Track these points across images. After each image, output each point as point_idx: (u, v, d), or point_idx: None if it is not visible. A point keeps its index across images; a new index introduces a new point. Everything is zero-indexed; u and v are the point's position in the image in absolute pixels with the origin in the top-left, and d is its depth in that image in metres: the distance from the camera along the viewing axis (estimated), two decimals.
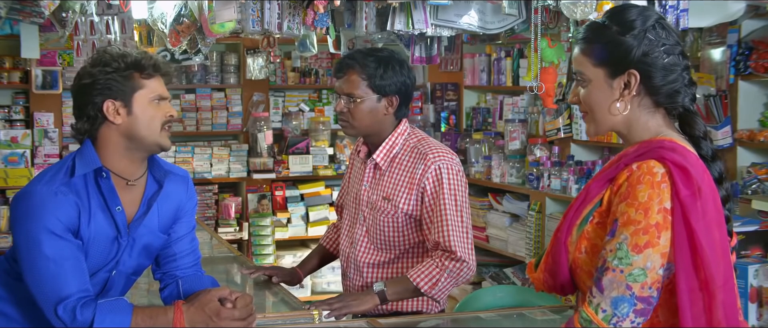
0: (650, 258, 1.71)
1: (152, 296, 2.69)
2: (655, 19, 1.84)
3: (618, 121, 1.87)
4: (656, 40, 1.82)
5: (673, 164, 1.73)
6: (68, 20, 4.13)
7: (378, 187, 2.88)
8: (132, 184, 2.35)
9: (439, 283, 2.74)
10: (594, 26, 1.89)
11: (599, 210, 1.82)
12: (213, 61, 6.57)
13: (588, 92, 1.88)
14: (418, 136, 2.89)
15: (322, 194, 6.63)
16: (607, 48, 1.84)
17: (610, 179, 1.83)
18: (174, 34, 4.20)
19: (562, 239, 1.87)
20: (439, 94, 6.61)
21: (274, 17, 3.91)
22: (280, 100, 6.81)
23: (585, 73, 1.88)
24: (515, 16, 3.93)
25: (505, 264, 5.84)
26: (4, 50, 6.03)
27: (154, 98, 2.30)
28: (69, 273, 2.20)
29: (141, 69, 2.28)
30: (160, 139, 2.32)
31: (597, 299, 1.74)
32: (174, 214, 2.47)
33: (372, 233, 2.89)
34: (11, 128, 6.11)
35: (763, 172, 4.15)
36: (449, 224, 2.74)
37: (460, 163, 2.86)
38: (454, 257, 2.74)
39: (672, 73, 1.83)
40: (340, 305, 2.74)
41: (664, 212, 1.71)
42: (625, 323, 1.71)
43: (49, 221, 2.20)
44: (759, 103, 4.33)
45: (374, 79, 2.81)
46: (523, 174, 5.58)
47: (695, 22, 3.64)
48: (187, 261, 2.53)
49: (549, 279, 1.92)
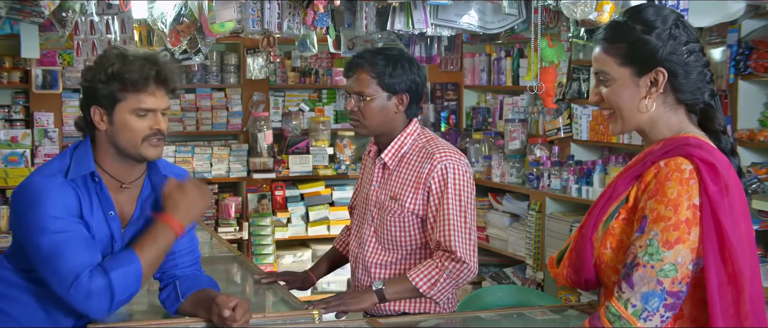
0: (681, 253, 1.74)
1: (152, 296, 2.69)
2: (675, 17, 1.88)
3: (643, 119, 1.89)
4: (679, 38, 1.85)
5: (701, 161, 1.77)
6: (68, 20, 4.13)
7: (386, 187, 2.87)
8: (126, 187, 2.36)
9: (438, 283, 2.73)
10: (616, 26, 1.91)
11: (625, 207, 1.86)
12: (213, 61, 6.57)
13: (613, 91, 1.90)
14: (428, 137, 2.87)
15: (322, 194, 6.63)
16: (634, 47, 1.86)
17: (636, 176, 1.86)
18: (174, 34, 4.20)
19: (588, 236, 1.89)
20: (439, 94, 6.61)
21: (274, 17, 3.91)
22: (280, 100, 6.80)
23: (610, 72, 1.90)
24: (515, 15, 3.92)
25: (505, 264, 5.84)
26: (4, 50, 6.03)
27: (136, 111, 2.27)
28: (76, 253, 2.19)
29: (122, 82, 2.26)
30: (141, 151, 2.30)
31: (626, 294, 1.76)
32: None
33: (380, 233, 2.88)
34: (11, 128, 6.11)
35: (763, 171, 4.15)
36: (451, 224, 2.73)
37: (468, 164, 2.84)
38: (454, 258, 2.73)
39: (694, 70, 1.87)
40: (337, 302, 2.75)
41: (693, 208, 1.74)
42: (655, 317, 1.74)
43: (51, 208, 2.21)
44: (759, 102, 4.33)
45: (384, 77, 2.80)
46: (523, 174, 5.58)
47: (695, 21, 3.64)
48: (185, 260, 2.53)
49: (572, 274, 1.95)
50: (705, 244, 1.74)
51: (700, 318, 1.80)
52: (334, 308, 2.74)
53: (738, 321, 1.74)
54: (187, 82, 6.56)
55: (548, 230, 5.17)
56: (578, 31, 3.69)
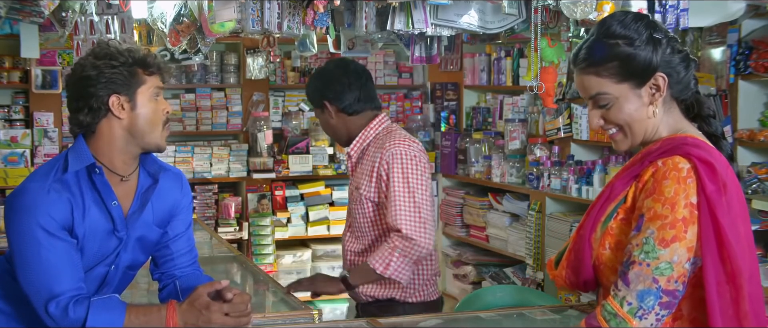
0: (677, 252, 1.73)
1: (152, 295, 2.69)
2: (647, 20, 1.88)
3: (650, 126, 1.89)
4: (660, 40, 1.85)
5: (699, 160, 1.77)
6: (68, 20, 4.12)
7: (354, 178, 3.13)
8: (126, 180, 2.36)
9: (392, 263, 2.90)
10: (596, 47, 1.88)
11: (624, 207, 1.86)
12: (213, 61, 6.57)
13: (618, 109, 1.88)
14: (390, 130, 3.09)
15: (321, 194, 6.63)
16: (626, 62, 1.85)
17: (634, 176, 1.86)
18: (174, 34, 4.20)
19: (586, 236, 1.89)
20: (439, 94, 6.61)
21: (274, 17, 3.90)
22: (279, 100, 6.80)
23: (609, 92, 1.87)
24: (515, 15, 3.92)
25: (505, 264, 5.84)
26: (3, 50, 6.03)
27: (155, 94, 2.32)
28: (62, 271, 2.19)
29: (146, 66, 2.30)
30: (159, 140, 2.32)
31: (622, 292, 1.76)
32: (169, 210, 2.47)
33: (352, 223, 3.13)
34: (11, 128, 6.11)
35: (763, 171, 4.15)
36: (398, 204, 2.91)
37: (420, 149, 3.04)
38: (401, 235, 2.90)
39: (681, 65, 1.87)
40: (307, 283, 3.09)
41: (690, 207, 1.74)
42: (651, 315, 1.74)
43: (42, 219, 2.19)
44: (759, 102, 4.33)
45: (311, 97, 3.18)
46: (523, 174, 5.58)
47: (695, 21, 3.64)
48: (184, 260, 2.53)
49: (571, 276, 1.94)
50: (703, 243, 1.74)
51: (699, 319, 1.80)
52: (304, 288, 3.04)
53: (737, 321, 1.74)
54: (187, 82, 6.56)
55: (548, 230, 5.17)
56: (578, 31, 3.68)
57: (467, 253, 6.19)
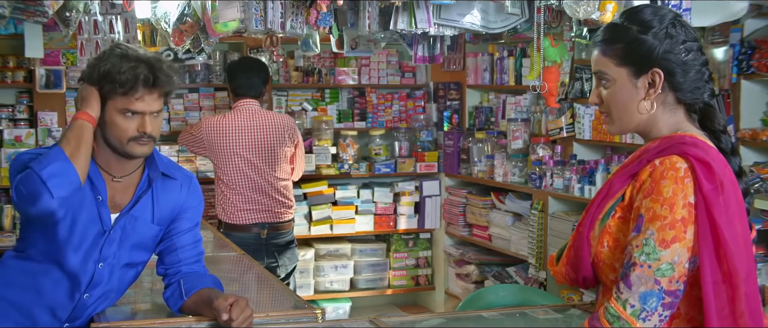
0: (677, 252, 1.74)
1: (156, 294, 2.70)
2: (672, 16, 1.89)
3: (642, 120, 1.90)
4: (676, 37, 1.86)
5: (696, 159, 1.77)
6: (72, 19, 4.13)
7: None
8: (117, 180, 2.40)
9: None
10: (613, 27, 1.92)
11: (621, 205, 1.86)
12: (216, 61, 6.57)
13: (612, 93, 1.91)
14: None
15: (324, 193, 6.63)
16: (630, 47, 1.87)
17: (632, 175, 1.86)
18: (177, 34, 4.20)
19: (585, 234, 1.90)
20: (442, 94, 6.62)
21: (277, 16, 3.91)
22: (283, 100, 6.80)
23: (608, 73, 1.91)
24: (518, 15, 3.93)
25: (507, 263, 5.84)
26: (7, 50, 6.04)
27: (123, 112, 2.32)
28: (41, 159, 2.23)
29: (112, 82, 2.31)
30: (127, 149, 2.36)
31: (625, 294, 1.76)
32: (173, 209, 2.49)
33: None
34: (15, 128, 6.12)
35: (765, 171, 4.15)
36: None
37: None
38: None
39: (692, 70, 1.87)
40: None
41: (688, 207, 1.74)
42: (654, 317, 1.75)
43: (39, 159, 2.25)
44: (761, 102, 4.33)
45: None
46: (526, 173, 5.58)
47: (698, 21, 3.64)
48: (189, 254, 2.54)
49: (571, 273, 1.95)
50: (700, 242, 1.74)
51: (696, 318, 1.80)
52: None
53: (733, 320, 1.74)
54: (190, 82, 6.56)
55: (551, 229, 5.17)
56: (581, 31, 3.69)
57: (470, 252, 6.20)
